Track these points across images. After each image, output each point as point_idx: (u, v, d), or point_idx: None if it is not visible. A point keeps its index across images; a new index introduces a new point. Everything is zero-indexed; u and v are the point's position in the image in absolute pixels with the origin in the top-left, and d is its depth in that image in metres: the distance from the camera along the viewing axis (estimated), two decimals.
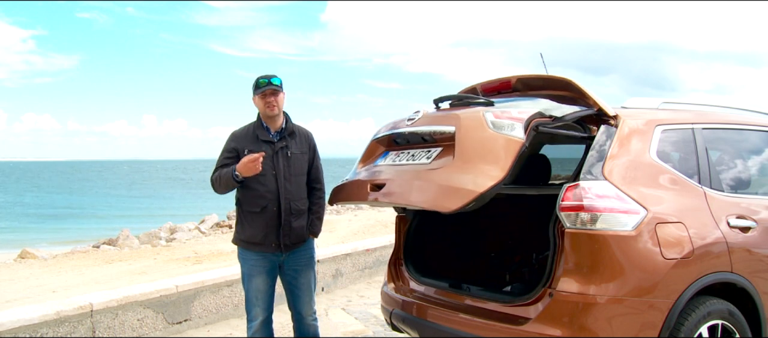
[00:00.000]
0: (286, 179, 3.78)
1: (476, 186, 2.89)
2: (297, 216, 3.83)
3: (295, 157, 3.85)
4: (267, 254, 3.82)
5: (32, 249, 13.30)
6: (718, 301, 3.12)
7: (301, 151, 3.90)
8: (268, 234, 3.76)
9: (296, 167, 3.85)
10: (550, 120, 3.09)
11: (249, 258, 3.85)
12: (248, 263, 3.86)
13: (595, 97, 3.20)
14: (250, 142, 3.80)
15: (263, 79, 3.77)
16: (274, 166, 3.77)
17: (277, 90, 3.78)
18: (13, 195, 56.54)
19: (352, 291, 7.03)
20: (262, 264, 3.83)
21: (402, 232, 4.14)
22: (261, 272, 3.83)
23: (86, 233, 22.53)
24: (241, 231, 3.85)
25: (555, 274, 3.00)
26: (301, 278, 3.93)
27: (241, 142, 3.83)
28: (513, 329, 3.05)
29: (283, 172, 3.78)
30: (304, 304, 3.96)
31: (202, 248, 12.31)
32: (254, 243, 3.80)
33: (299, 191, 3.86)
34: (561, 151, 4.90)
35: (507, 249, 4.47)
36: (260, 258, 3.82)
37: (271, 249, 3.80)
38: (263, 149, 3.74)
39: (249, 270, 3.86)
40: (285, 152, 3.82)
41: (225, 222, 17.35)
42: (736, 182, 3.61)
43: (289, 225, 3.79)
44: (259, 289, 3.84)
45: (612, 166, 3.03)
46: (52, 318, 4.31)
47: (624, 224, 2.92)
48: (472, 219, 4.49)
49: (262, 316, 3.86)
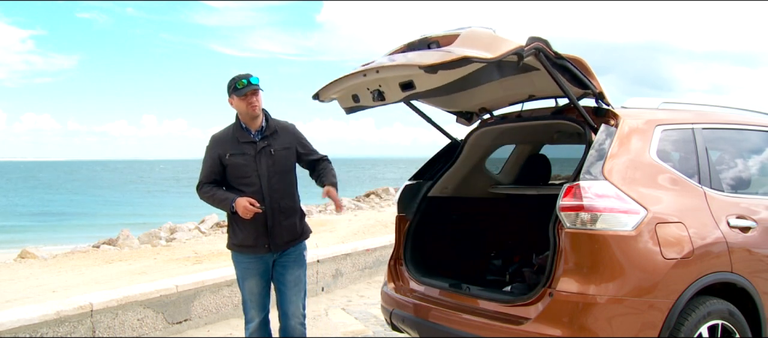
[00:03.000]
0: (271, 178, 3.70)
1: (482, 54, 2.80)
2: (286, 214, 3.77)
3: (279, 155, 3.75)
4: (259, 256, 3.77)
5: (32, 249, 13.28)
6: (718, 301, 3.12)
7: (284, 146, 3.80)
8: (259, 236, 3.71)
9: (281, 165, 3.76)
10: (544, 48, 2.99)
11: (241, 261, 3.82)
12: (241, 266, 3.83)
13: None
14: (231, 146, 3.72)
15: (243, 79, 3.64)
16: (257, 167, 3.70)
17: (258, 89, 3.68)
18: (13, 195, 56.54)
19: (352, 291, 7.03)
20: (254, 266, 3.79)
21: (402, 232, 4.14)
22: (254, 274, 3.80)
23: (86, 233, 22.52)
24: (233, 235, 3.82)
25: (555, 274, 3.00)
26: (288, 275, 3.83)
27: (222, 146, 3.74)
28: (513, 329, 3.05)
29: (267, 172, 3.70)
30: (289, 303, 3.85)
31: (202, 248, 12.29)
32: (246, 246, 3.76)
33: (286, 189, 3.78)
34: (561, 151, 4.91)
35: (507, 249, 4.48)
36: (252, 261, 3.79)
37: (263, 250, 3.75)
38: (245, 150, 3.69)
39: (242, 273, 3.83)
40: (268, 151, 3.72)
41: (225, 222, 17.23)
42: (736, 182, 3.61)
43: (279, 225, 3.73)
44: (253, 291, 3.82)
45: (612, 166, 3.03)
46: (52, 318, 4.31)
47: (624, 224, 2.92)
48: (472, 219, 4.49)
49: (258, 318, 3.84)
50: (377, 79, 3.29)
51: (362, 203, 21.83)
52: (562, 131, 4.36)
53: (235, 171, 3.73)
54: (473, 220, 4.49)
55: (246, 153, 3.71)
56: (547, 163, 4.72)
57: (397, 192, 4.47)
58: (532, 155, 4.79)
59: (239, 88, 3.65)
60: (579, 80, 3.19)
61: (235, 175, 3.73)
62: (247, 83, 3.64)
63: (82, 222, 31.37)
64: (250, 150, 3.71)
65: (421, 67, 2.87)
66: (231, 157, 3.71)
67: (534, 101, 3.95)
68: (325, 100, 3.71)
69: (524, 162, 4.76)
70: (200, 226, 16.91)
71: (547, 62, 3.01)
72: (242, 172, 3.71)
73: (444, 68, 2.83)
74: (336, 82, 3.47)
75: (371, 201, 22.72)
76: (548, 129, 4.37)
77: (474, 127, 4.22)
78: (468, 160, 4.27)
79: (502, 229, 4.61)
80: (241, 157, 3.71)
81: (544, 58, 2.99)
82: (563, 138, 4.58)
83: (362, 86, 3.44)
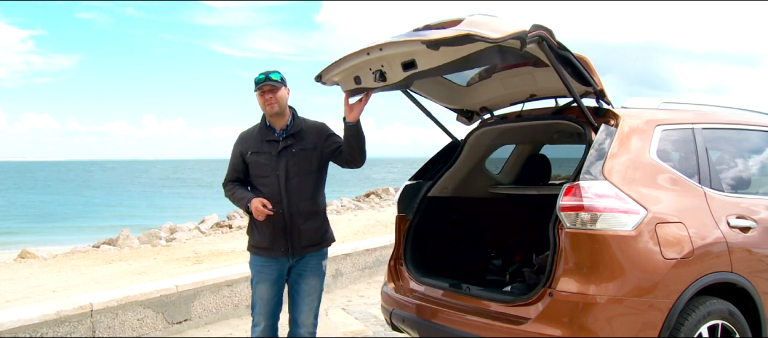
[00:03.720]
0: (290, 179, 3.57)
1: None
2: (305, 217, 3.61)
3: (301, 155, 3.61)
4: (275, 259, 3.63)
5: (32, 249, 13.29)
6: (718, 301, 3.12)
7: (309, 146, 3.64)
8: (276, 238, 3.58)
9: (303, 165, 3.61)
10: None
11: (256, 263, 3.69)
12: (256, 268, 3.69)
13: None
14: (254, 143, 3.65)
15: (261, 74, 3.58)
16: (276, 166, 3.58)
17: (276, 86, 3.56)
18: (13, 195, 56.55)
19: (352, 291, 7.03)
20: (268, 271, 3.64)
21: (402, 232, 4.14)
22: (266, 279, 3.65)
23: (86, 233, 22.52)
24: (251, 236, 3.70)
25: (555, 274, 3.00)
26: (303, 283, 3.70)
27: (245, 143, 3.69)
28: (513, 329, 3.05)
29: (286, 172, 3.57)
30: (301, 312, 3.72)
31: (202, 248, 12.30)
32: (262, 247, 3.63)
33: (307, 190, 3.62)
34: (561, 151, 4.92)
35: (507, 249, 4.48)
36: (267, 265, 3.64)
37: (280, 253, 3.60)
38: (267, 149, 3.61)
39: (256, 276, 3.69)
40: (290, 151, 3.60)
41: (225, 222, 17.34)
42: (736, 182, 3.61)
43: (297, 228, 3.58)
44: (262, 297, 3.67)
45: (612, 166, 3.03)
46: (52, 318, 4.31)
47: (624, 224, 2.92)
48: (472, 219, 4.49)
49: (263, 323, 3.69)
50: (380, 57, 3.24)
51: (362, 203, 21.85)
52: (562, 131, 4.36)
53: (256, 169, 3.64)
54: (473, 220, 4.49)
55: (267, 152, 3.61)
56: (547, 163, 4.72)
57: (397, 193, 4.47)
58: (532, 155, 4.79)
59: (256, 83, 3.58)
60: (581, 75, 3.18)
61: (255, 174, 3.64)
62: (264, 78, 3.55)
63: (82, 222, 31.36)
64: (271, 149, 3.61)
65: (424, 42, 2.86)
66: (252, 155, 3.62)
67: (535, 101, 3.95)
68: (327, 83, 3.62)
69: (524, 162, 4.76)
70: (200, 226, 16.92)
71: (549, 52, 2.98)
72: (262, 171, 3.62)
73: (447, 44, 2.81)
74: (339, 61, 3.42)
75: (371, 201, 22.74)
76: (548, 129, 4.37)
77: (474, 127, 4.22)
78: (468, 159, 4.27)
79: (502, 229, 4.62)
80: (261, 156, 3.62)
81: (546, 48, 2.95)
82: (563, 138, 4.58)
83: (365, 66, 3.38)
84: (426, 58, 3.11)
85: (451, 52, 2.96)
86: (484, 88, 4.02)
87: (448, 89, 4.09)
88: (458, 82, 4.08)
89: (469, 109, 4.21)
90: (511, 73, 3.79)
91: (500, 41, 2.77)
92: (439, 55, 3.01)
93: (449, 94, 4.12)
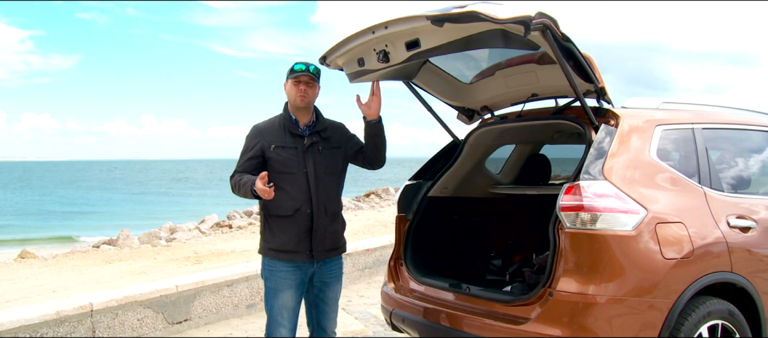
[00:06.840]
0: (318, 178, 3.39)
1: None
2: (331, 219, 3.47)
3: (328, 154, 3.47)
4: (299, 264, 3.40)
5: (32, 249, 13.30)
6: (718, 301, 3.12)
7: (334, 146, 3.51)
8: (301, 240, 3.36)
9: (329, 165, 3.46)
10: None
11: (278, 269, 3.40)
12: (276, 276, 3.41)
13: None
14: (278, 137, 3.41)
15: (301, 64, 3.41)
16: (304, 164, 3.38)
17: (313, 80, 3.42)
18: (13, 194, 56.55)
19: (352, 291, 7.03)
20: (292, 276, 3.40)
21: (402, 232, 4.14)
22: (290, 286, 3.40)
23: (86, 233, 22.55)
24: (271, 238, 3.41)
25: (555, 274, 3.00)
26: (330, 291, 3.56)
27: (267, 137, 3.42)
28: (513, 329, 3.05)
29: (315, 171, 3.39)
30: (329, 320, 3.60)
31: (202, 248, 12.29)
32: (286, 251, 3.37)
33: (333, 191, 3.49)
34: (561, 151, 4.92)
35: (507, 249, 4.48)
36: (291, 270, 3.39)
37: (305, 257, 3.39)
38: (292, 143, 3.40)
39: (276, 285, 3.41)
40: (317, 148, 3.43)
41: (225, 222, 17.34)
42: (736, 182, 3.61)
43: (323, 230, 3.40)
44: (286, 306, 3.40)
45: (612, 166, 3.03)
46: (52, 318, 4.31)
47: (624, 224, 2.92)
48: (472, 219, 4.49)
49: (286, 330, 3.43)
50: (384, 36, 3.21)
51: (362, 203, 21.84)
52: (562, 131, 4.36)
53: (280, 166, 3.37)
54: (473, 220, 4.49)
55: (293, 146, 3.40)
56: (547, 163, 4.72)
57: (397, 192, 4.46)
58: (532, 155, 4.79)
59: (294, 71, 3.41)
60: (583, 71, 3.17)
61: (280, 171, 3.36)
62: (304, 68, 3.40)
63: (82, 222, 31.39)
64: (297, 143, 3.41)
65: (429, 17, 2.85)
66: (276, 149, 3.38)
67: (535, 101, 3.95)
68: (331, 65, 3.59)
69: (524, 162, 4.76)
70: (200, 226, 16.91)
71: (553, 42, 2.95)
72: (288, 168, 3.37)
73: (451, 21, 2.81)
74: (344, 41, 3.38)
75: (371, 201, 22.74)
76: (548, 129, 4.37)
77: (474, 127, 4.22)
78: (468, 159, 4.27)
79: (502, 229, 4.62)
80: (287, 151, 3.39)
81: (550, 37, 2.93)
82: (563, 138, 4.58)
83: (368, 46, 3.35)
84: (429, 37, 3.10)
85: (454, 30, 2.94)
86: (487, 85, 4.02)
87: (451, 85, 4.09)
88: (461, 79, 4.09)
89: (471, 107, 4.21)
90: (514, 71, 3.79)
91: (504, 22, 2.76)
92: (443, 34, 3.00)
93: (451, 91, 4.12)
